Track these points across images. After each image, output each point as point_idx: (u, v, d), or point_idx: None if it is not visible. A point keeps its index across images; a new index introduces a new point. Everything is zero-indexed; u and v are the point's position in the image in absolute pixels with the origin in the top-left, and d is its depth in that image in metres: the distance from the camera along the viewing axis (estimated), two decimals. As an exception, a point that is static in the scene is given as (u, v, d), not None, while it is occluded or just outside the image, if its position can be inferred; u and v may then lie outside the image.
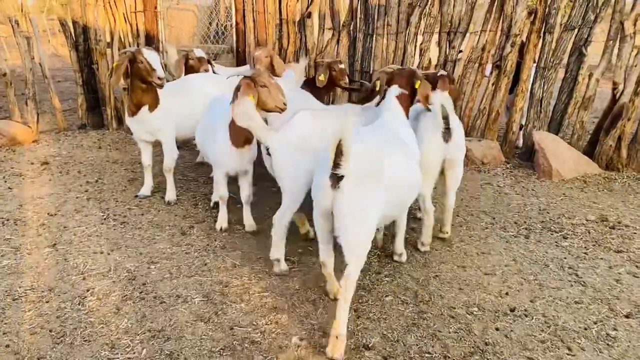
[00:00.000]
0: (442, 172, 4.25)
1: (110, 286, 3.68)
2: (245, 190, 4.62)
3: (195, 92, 5.38)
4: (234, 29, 8.76)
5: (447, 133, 3.98)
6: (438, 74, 4.63)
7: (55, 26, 17.25)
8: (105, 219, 4.86)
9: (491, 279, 3.88)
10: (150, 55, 4.72)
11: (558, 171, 6.15)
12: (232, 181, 4.72)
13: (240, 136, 4.23)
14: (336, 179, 2.89)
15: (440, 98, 3.91)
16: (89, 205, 5.20)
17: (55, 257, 4.09)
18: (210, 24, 10.32)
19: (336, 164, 2.82)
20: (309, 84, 5.95)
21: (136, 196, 5.42)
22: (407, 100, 3.95)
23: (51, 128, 8.36)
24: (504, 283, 3.82)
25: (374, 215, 3.04)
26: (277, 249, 3.88)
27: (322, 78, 5.75)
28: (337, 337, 2.92)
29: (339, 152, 2.78)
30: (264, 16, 8.52)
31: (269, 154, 3.75)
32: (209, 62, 6.51)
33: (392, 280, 3.83)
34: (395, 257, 4.13)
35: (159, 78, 4.71)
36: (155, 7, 7.55)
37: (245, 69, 7.08)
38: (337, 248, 3.09)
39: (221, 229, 4.64)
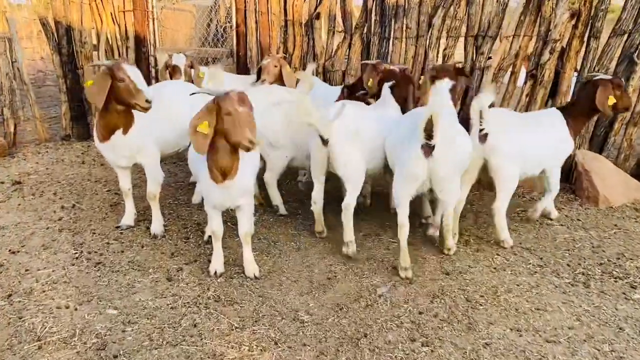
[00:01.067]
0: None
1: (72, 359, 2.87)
2: (244, 226, 3.80)
3: (170, 100, 4.55)
4: (234, 31, 7.96)
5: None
6: (596, 78, 4.68)
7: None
8: (77, 257, 4.05)
9: (556, 350, 3.06)
10: (133, 72, 3.89)
11: (606, 197, 5.35)
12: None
13: (217, 170, 3.39)
14: (429, 149, 3.58)
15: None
16: (61, 238, 4.38)
17: (8, 314, 3.28)
18: (208, 25, 9.52)
19: (429, 136, 3.49)
20: (353, 91, 5.14)
21: (117, 227, 4.61)
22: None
23: (33, 139, 7.58)
24: (574, 356, 3.01)
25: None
26: (348, 233, 4.20)
27: (370, 84, 4.96)
28: (448, 249, 4.24)
29: (429, 126, 3.45)
30: (268, 17, 7.72)
31: (325, 144, 4.12)
32: (191, 66, 5.72)
33: (431, 352, 3.02)
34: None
35: (146, 101, 3.87)
36: (146, 7, 6.76)
37: (240, 80, 6.29)
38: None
39: (215, 274, 3.83)
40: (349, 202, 4.18)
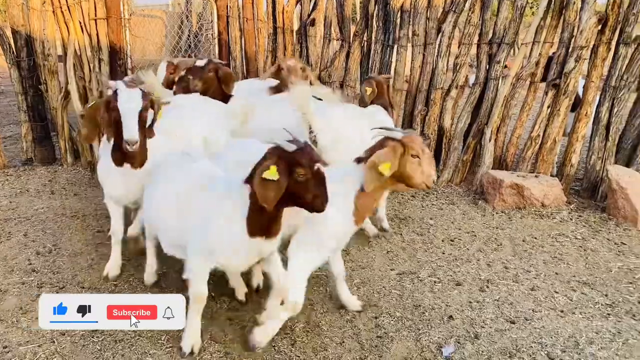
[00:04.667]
0: None
1: None
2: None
3: None
4: (215, 40, 7.24)
5: None
6: None
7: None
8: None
9: None
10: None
11: (645, 216, 4.95)
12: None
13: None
14: None
15: None
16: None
17: (-11, 417, 2.52)
18: (181, 32, 8.73)
19: None
20: None
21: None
22: None
23: (-13, 164, 6.64)
24: None
25: None
26: None
27: None
28: None
29: None
30: (254, 24, 7.05)
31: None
32: None
33: None
34: None
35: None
36: (121, 15, 5.95)
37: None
38: None
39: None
40: None
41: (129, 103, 3.27)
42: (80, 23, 6.08)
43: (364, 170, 2.96)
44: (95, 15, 5.95)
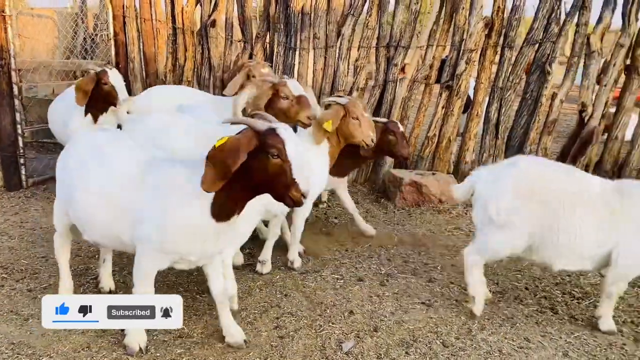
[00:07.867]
0: None
1: None
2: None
3: None
4: (112, 41, 6.92)
5: None
6: None
7: None
8: None
9: (560, 398, 2.72)
10: None
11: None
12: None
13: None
14: None
15: None
16: None
17: None
18: (75, 33, 8.27)
19: None
20: None
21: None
22: None
23: None
24: (581, 403, 2.69)
25: None
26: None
27: None
28: None
29: None
30: (152, 24, 6.83)
31: None
32: None
33: (433, 423, 2.51)
34: None
35: None
36: (3, 11, 5.51)
37: None
38: None
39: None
40: None
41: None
42: (-45, 20, 5.58)
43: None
44: (-27, 12, 5.48)
